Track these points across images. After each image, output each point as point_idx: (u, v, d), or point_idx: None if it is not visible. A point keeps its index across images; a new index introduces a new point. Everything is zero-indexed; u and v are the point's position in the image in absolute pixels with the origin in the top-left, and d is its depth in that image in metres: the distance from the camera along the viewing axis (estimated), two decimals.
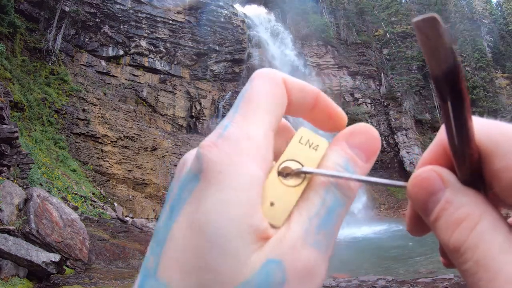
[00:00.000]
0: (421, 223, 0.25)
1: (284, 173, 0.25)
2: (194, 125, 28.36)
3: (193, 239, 0.21)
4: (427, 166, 0.24)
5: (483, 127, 0.23)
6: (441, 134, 0.25)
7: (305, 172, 0.25)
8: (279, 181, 0.25)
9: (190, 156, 0.26)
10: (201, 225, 0.21)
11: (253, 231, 0.22)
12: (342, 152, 0.26)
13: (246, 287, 0.21)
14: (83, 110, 22.94)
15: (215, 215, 0.21)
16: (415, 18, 0.19)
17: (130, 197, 21.19)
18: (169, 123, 27.32)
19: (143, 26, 28.56)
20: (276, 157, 0.26)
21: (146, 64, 28.11)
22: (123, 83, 26.67)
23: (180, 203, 0.23)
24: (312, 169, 0.25)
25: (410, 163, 30.77)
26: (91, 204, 14.97)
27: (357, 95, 33.99)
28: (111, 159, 22.46)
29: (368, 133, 0.27)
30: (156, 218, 17.37)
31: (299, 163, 0.25)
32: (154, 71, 28.39)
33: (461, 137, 0.21)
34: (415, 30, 0.19)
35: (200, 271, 0.21)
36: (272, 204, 0.24)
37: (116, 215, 15.82)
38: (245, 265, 0.21)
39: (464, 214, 0.21)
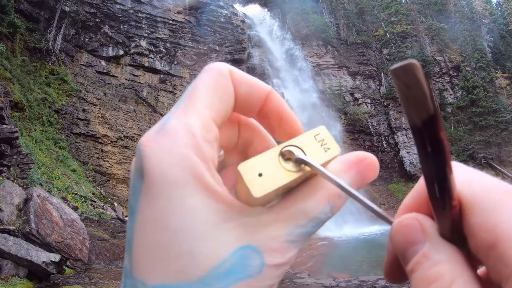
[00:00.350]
0: (400, 269, 0.25)
1: (285, 156, 0.25)
2: None
3: (156, 234, 0.22)
4: (411, 214, 0.24)
5: (466, 177, 0.22)
6: (423, 181, 0.25)
7: (305, 163, 0.25)
8: (277, 159, 0.25)
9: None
10: (158, 219, 0.22)
11: (214, 211, 0.22)
12: (349, 179, 0.26)
13: (222, 267, 0.21)
14: (83, 110, 22.94)
15: (167, 210, 0.22)
16: (393, 66, 0.18)
17: None
18: None
19: (143, 26, 28.55)
20: (228, 148, 0.27)
21: (146, 64, 28.10)
22: (123, 83, 26.66)
23: (135, 202, 0.24)
24: (314, 162, 0.25)
25: (410, 163, 30.77)
26: (91, 204, 14.97)
27: (357, 95, 33.99)
28: (111, 159, 22.46)
29: (374, 166, 0.27)
30: None
31: (304, 153, 0.25)
32: (154, 71, 28.39)
33: (442, 188, 0.20)
34: (392, 78, 0.18)
35: (172, 260, 0.21)
36: (260, 175, 0.24)
37: (116, 215, 15.82)
38: (217, 246, 0.22)
39: (437, 273, 0.21)
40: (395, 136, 32.16)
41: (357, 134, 31.82)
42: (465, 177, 0.22)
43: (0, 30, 19.11)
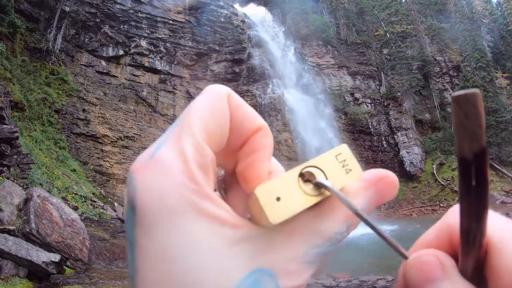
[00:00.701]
0: None
1: (305, 177, 0.24)
2: None
3: (158, 267, 0.21)
4: (430, 250, 0.23)
5: (495, 220, 0.22)
6: (449, 217, 0.24)
7: (326, 188, 0.24)
8: (296, 181, 0.24)
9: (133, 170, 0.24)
10: (159, 252, 0.21)
11: (223, 237, 0.21)
12: (368, 198, 0.26)
13: None
14: (83, 110, 22.95)
15: (167, 241, 0.21)
16: (456, 93, 0.17)
17: None
18: (169, 123, 27.31)
19: (143, 26, 28.56)
20: (228, 168, 0.26)
21: (146, 64, 28.10)
22: (123, 83, 26.67)
23: (131, 235, 0.22)
24: (335, 189, 0.23)
25: (410, 163, 30.76)
26: (91, 204, 14.97)
27: (357, 95, 33.98)
28: (111, 159, 22.46)
29: (394, 185, 0.26)
30: None
31: (325, 175, 0.24)
32: (154, 71, 28.39)
33: (478, 224, 0.20)
34: (452, 104, 0.18)
35: None
36: (278, 199, 0.23)
37: (116, 215, 15.82)
38: (226, 273, 0.21)
39: None
40: (395, 136, 32.15)
41: (357, 134, 31.83)
42: (495, 221, 0.22)
43: (0, 30, 19.12)
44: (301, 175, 0.24)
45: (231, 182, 0.30)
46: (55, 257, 6.75)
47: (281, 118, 28.46)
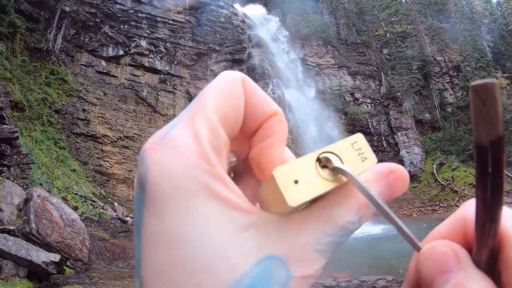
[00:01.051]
0: None
1: (322, 163, 0.24)
2: None
3: (167, 249, 0.20)
4: (444, 240, 0.23)
5: (506, 211, 0.22)
6: (465, 210, 0.24)
7: (344, 173, 0.24)
8: (314, 166, 0.24)
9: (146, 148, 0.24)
10: (169, 233, 0.20)
11: (231, 221, 0.21)
12: (378, 190, 0.25)
13: (243, 282, 0.20)
14: (83, 110, 22.95)
15: (179, 222, 0.20)
16: (474, 82, 0.18)
17: (130, 197, 21.19)
18: None
19: (143, 26, 28.56)
20: (239, 156, 0.26)
21: (146, 64, 28.10)
22: (123, 83, 26.67)
23: (140, 216, 0.22)
24: (353, 174, 0.23)
25: (410, 163, 30.75)
26: (91, 204, 14.97)
27: (357, 95, 33.99)
28: (111, 159, 22.47)
29: (405, 179, 0.26)
30: None
31: (341, 161, 0.24)
32: (154, 71, 28.39)
33: (494, 212, 0.20)
34: (471, 93, 0.18)
35: (188, 278, 0.20)
36: (296, 182, 0.23)
37: (116, 215, 15.82)
38: (238, 259, 0.20)
39: None
40: (395, 136, 32.15)
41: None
42: (507, 211, 0.22)
43: (0, 30, 19.12)
44: (318, 160, 0.24)
45: (241, 171, 0.30)
46: (55, 257, 6.75)
47: None
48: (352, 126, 31.69)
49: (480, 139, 0.18)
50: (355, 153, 0.25)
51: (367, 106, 33.75)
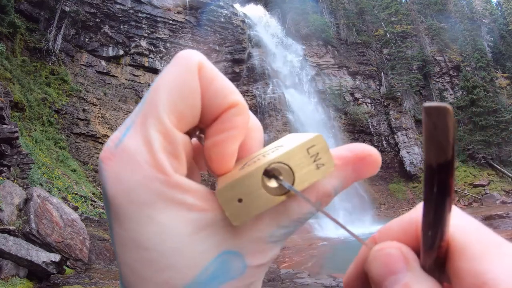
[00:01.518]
0: (363, 285, 0.25)
1: (270, 173, 0.23)
2: None
3: (134, 254, 0.22)
4: (393, 242, 0.24)
5: (462, 222, 0.22)
6: (417, 213, 0.24)
7: (289, 189, 0.23)
8: (260, 180, 0.23)
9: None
10: (133, 240, 0.22)
11: (187, 221, 0.22)
12: (342, 177, 0.25)
13: (205, 273, 0.21)
14: (83, 110, 22.96)
15: (139, 231, 0.21)
16: (427, 104, 0.18)
17: None
18: None
19: (143, 26, 28.56)
20: (208, 159, 0.25)
21: (146, 64, 28.11)
22: (123, 83, 26.68)
23: (109, 220, 0.23)
24: (298, 192, 0.23)
25: (411, 163, 30.75)
26: (91, 204, 14.97)
27: (357, 95, 33.99)
28: None
29: (375, 163, 0.25)
30: None
31: (292, 173, 0.23)
32: (154, 71, 28.39)
33: (436, 229, 0.20)
34: (423, 114, 0.18)
35: (155, 275, 0.21)
36: (240, 200, 0.22)
37: None
38: (197, 256, 0.22)
39: None
40: (395, 136, 32.16)
41: (357, 134, 31.83)
42: (460, 222, 0.22)
43: (0, 30, 19.12)
44: (266, 172, 0.23)
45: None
46: (55, 257, 6.76)
47: (281, 118, 28.47)
48: (352, 126, 31.70)
49: (429, 160, 0.19)
50: (309, 160, 0.23)
51: (367, 106, 33.75)
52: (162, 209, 0.21)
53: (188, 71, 0.23)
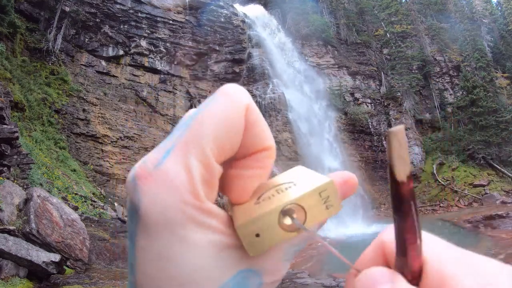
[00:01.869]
0: None
1: (286, 213, 0.25)
2: None
3: (159, 267, 0.23)
4: (378, 267, 0.25)
5: (442, 250, 0.23)
6: (382, 236, 0.26)
7: (301, 228, 0.25)
8: (277, 219, 0.25)
9: (131, 172, 0.25)
10: (160, 254, 0.23)
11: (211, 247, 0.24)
12: None
13: None
14: (83, 110, 22.95)
15: (168, 247, 0.23)
16: (392, 129, 0.21)
17: None
18: (169, 123, 27.33)
19: (143, 26, 28.56)
20: (227, 186, 0.26)
21: (146, 64, 28.11)
22: (123, 83, 26.67)
23: (133, 233, 0.24)
24: (309, 230, 0.26)
25: (411, 163, 30.62)
26: (91, 204, 14.97)
27: (357, 95, 33.98)
28: (111, 159, 22.47)
29: (356, 186, 0.29)
30: None
31: (305, 212, 0.26)
32: (154, 71, 28.39)
33: (412, 234, 0.22)
34: (390, 137, 0.21)
35: (178, 287, 0.23)
36: (257, 235, 0.24)
37: (117, 215, 15.83)
38: (219, 272, 0.24)
39: None
40: None
41: (357, 134, 31.82)
42: (442, 249, 0.23)
43: (0, 30, 19.11)
44: (282, 211, 0.25)
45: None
46: (55, 257, 6.75)
47: (281, 118, 28.47)
48: (352, 126, 31.69)
49: (400, 175, 0.21)
50: (321, 202, 0.26)
51: (367, 106, 33.74)
52: (193, 231, 0.23)
53: (237, 110, 0.25)
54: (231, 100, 0.25)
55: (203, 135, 0.24)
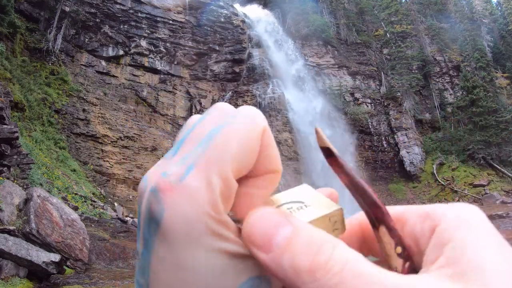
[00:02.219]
0: None
1: None
2: None
3: (175, 273, 0.25)
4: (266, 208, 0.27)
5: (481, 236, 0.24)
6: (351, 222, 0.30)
7: None
8: None
9: (148, 182, 0.27)
10: (177, 262, 0.25)
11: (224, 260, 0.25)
12: None
13: None
14: (83, 110, 22.95)
15: (187, 255, 0.25)
16: (316, 128, 0.25)
17: (131, 197, 21.20)
18: (169, 123, 27.33)
19: (143, 26, 28.56)
20: (234, 201, 0.28)
21: (146, 64, 28.11)
22: (123, 83, 26.68)
23: (149, 239, 0.26)
24: None
25: (410, 163, 30.75)
26: (91, 204, 14.97)
27: (357, 95, 33.99)
28: (111, 159, 22.47)
29: (337, 200, 0.33)
30: None
31: None
32: (154, 71, 28.40)
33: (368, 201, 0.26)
34: (316, 135, 0.25)
35: None
36: None
37: (117, 215, 15.84)
38: (231, 279, 0.25)
39: (320, 239, 0.24)
40: (395, 136, 32.15)
41: (357, 134, 31.84)
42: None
43: (0, 30, 19.11)
44: None
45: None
46: (55, 257, 6.76)
47: (281, 118, 28.47)
48: (352, 126, 31.71)
49: (324, 147, 0.27)
50: (330, 226, 0.29)
51: (367, 106, 33.75)
52: (212, 241, 0.25)
53: (256, 132, 0.28)
54: (251, 123, 0.28)
55: (226, 154, 0.26)
